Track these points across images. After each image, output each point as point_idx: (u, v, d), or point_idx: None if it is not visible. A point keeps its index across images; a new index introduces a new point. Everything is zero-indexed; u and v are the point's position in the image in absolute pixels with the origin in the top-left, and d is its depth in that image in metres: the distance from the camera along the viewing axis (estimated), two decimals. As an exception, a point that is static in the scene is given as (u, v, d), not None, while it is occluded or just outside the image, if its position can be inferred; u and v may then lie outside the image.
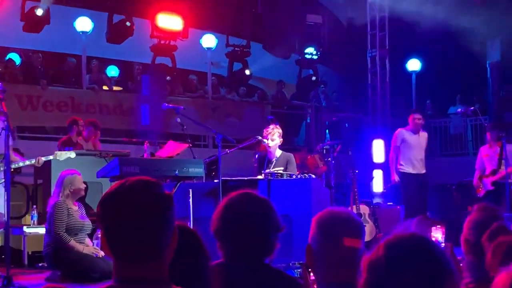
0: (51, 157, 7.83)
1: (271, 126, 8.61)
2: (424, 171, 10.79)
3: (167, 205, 1.98)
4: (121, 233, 1.93)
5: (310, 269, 2.60)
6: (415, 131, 10.80)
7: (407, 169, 10.69)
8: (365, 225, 10.71)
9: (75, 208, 7.20)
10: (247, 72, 15.56)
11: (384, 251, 1.87)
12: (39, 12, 12.83)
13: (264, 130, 8.55)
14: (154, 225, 1.94)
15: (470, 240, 3.51)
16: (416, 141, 10.78)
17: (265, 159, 8.55)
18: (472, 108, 12.23)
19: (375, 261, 1.87)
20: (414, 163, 10.72)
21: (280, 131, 8.58)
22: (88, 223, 7.21)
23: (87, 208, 7.93)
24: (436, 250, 1.89)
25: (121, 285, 1.93)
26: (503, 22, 14.60)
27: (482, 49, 15.23)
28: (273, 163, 8.44)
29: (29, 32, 13.32)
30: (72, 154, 7.90)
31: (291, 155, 8.65)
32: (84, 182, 7.59)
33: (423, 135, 10.94)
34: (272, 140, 8.44)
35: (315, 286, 2.55)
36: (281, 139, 8.58)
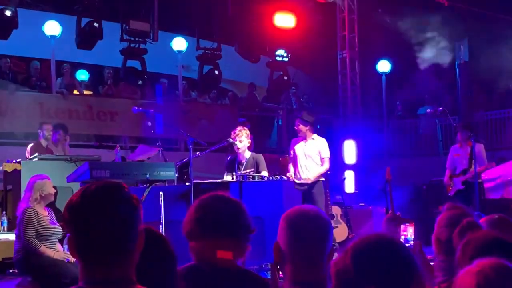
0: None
1: (238, 128, 8.61)
2: None
3: (132, 207, 1.99)
4: (87, 236, 1.94)
5: (278, 267, 2.59)
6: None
7: None
8: (337, 226, 10.78)
9: (45, 213, 7.11)
10: (216, 72, 15.53)
11: (352, 258, 1.88)
12: (8, 13, 12.66)
13: (232, 132, 8.53)
14: (120, 228, 1.95)
15: (441, 239, 3.53)
16: None
17: (235, 161, 8.55)
18: (441, 108, 12.35)
19: (343, 268, 1.88)
20: None
21: (248, 132, 8.59)
22: (58, 228, 7.13)
23: (57, 213, 7.83)
24: (403, 251, 1.90)
25: (88, 287, 1.93)
26: (470, 22, 14.77)
27: (450, 50, 15.37)
28: (244, 165, 8.45)
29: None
30: (18, 166, 7.95)
31: (260, 155, 8.67)
32: (54, 187, 7.50)
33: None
34: (240, 142, 8.44)
35: (284, 285, 2.54)
36: (250, 140, 8.58)
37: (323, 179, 9.42)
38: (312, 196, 9.15)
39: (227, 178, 8.38)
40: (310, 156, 9.36)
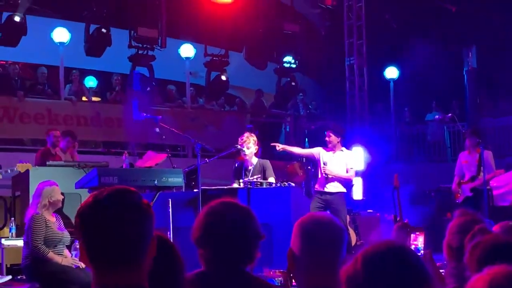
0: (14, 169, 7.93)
1: (246, 134, 8.60)
2: None
3: (145, 213, 1.98)
4: (99, 243, 1.92)
5: (291, 275, 2.59)
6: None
7: None
8: (345, 233, 10.76)
9: (53, 219, 7.12)
10: (223, 77, 15.54)
11: (362, 264, 1.87)
12: (17, 18, 12.71)
13: (239, 139, 8.52)
14: (132, 234, 1.94)
15: (452, 245, 3.51)
16: None
17: (242, 168, 8.54)
18: (449, 114, 12.31)
19: (353, 275, 1.87)
20: None
21: (255, 138, 8.58)
22: (66, 235, 7.14)
23: (65, 219, 7.85)
24: (413, 259, 1.88)
25: (100, 294, 1.92)
26: (478, 28, 14.75)
27: (459, 56, 15.35)
28: (251, 171, 8.44)
29: (6, 46, 13.18)
30: (29, 166, 8.04)
31: (267, 160, 8.65)
32: (62, 193, 7.51)
33: None
34: (248, 148, 8.44)
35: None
36: (257, 147, 8.58)
37: (345, 190, 9.26)
38: (333, 207, 8.86)
39: (235, 185, 8.36)
40: (336, 168, 9.10)
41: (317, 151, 9.32)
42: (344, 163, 9.15)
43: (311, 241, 2.53)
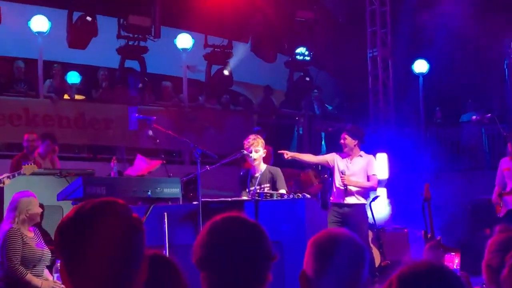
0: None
1: (252, 136, 8.56)
2: None
3: (135, 229, 1.98)
4: (82, 264, 1.91)
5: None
6: None
7: None
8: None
9: (31, 234, 7.13)
10: (226, 72, 15.56)
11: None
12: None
13: (245, 142, 8.48)
14: (120, 254, 1.93)
15: (493, 265, 3.50)
16: None
17: (248, 176, 8.52)
18: (489, 115, 12.27)
19: None
20: None
21: (263, 141, 8.55)
22: (47, 252, 7.15)
23: (44, 234, 7.87)
24: (456, 283, 1.88)
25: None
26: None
27: (499, 47, 15.33)
28: (257, 179, 8.39)
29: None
30: (35, 168, 8.09)
31: (278, 169, 8.61)
32: (41, 206, 7.53)
33: None
34: (256, 152, 8.39)
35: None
36: (265, 150, 8.56)
37: (366, 202, 9.28)
38: (352, 222, 8.85)
39: (244, 197, 8.33)
40: (355, 176, 9.15)
41: (332, 158, 9.34)
42: (363, 170, 9.16)
43: (327, 261, 2.54)
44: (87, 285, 1.92)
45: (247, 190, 8.32)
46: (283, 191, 8.24)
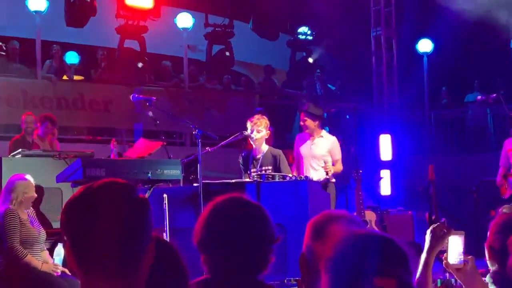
0: None
1: (256, 116, 8.54)
2: None
3: (142, 210, 1.97)
4: (89, 245, 1.90)
5: (305, 283, 2.59)
6: None
7: None
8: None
9: (25, 216, 7.16)
10: (228, 53, 15.55)
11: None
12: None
13: (248, 121, 8.46)
14: (127, 235, 1.92)
15: (495, 247, 3.52)
16: None
17: (249, 157, 8.52)
18: (494, 95, 12.26)
19: None
20: None
21: (268, 121, 8.54)
22: (43, 232, 7.18)
23: (42, 217, 7.89)
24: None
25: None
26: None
27: (505, 26, 15.27)
28: (259, 161, 8.40)
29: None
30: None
31: (280, 151, 8.59)
32: (41, 188, 7.55)
33: None
34: (258, 132, 8.37)
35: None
36: (269, 131, 8.55)
37: (334, 180, 9.33)
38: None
39: (246, 179, 8.33)
40: (318, 158, 9.19)
41: (296, 146, 9.45)
42: (327, 151, 9.16)
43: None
44: (94, 265, 1.91)
45: (248, 172, 8.33)
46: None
